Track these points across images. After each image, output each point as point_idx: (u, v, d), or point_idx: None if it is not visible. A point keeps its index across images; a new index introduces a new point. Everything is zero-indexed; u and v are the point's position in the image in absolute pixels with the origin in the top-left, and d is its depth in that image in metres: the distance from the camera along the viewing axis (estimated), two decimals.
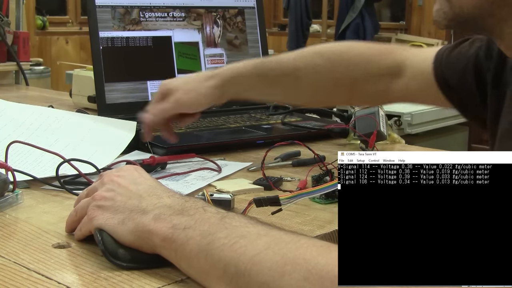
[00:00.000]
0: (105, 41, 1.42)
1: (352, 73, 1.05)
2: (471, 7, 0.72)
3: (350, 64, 1.05)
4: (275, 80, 1.07)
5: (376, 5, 5.88)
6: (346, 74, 1.05)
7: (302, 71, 1.06)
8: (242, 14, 1.58)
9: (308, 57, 1.07)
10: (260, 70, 1.08)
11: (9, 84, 2.30)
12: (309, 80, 1.06)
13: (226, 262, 0.58)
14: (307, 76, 1.06)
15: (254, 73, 1.07)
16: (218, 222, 0.62)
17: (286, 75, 1.06)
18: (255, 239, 0.58)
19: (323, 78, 1.06)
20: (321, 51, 1.08)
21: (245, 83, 1.07)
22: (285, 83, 1.07)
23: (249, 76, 1.07)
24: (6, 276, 0.65)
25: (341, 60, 1.06)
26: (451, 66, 0.94)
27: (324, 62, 1.06)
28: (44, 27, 5.95)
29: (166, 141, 1.19)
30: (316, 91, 1.09)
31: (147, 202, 0.68)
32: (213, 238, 0.60)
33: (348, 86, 1.06)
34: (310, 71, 1.06)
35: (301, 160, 1.14)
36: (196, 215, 0.64)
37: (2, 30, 2.20)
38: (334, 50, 1.08)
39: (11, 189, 0.88)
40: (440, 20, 0.76)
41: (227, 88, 1.07)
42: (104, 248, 0.67)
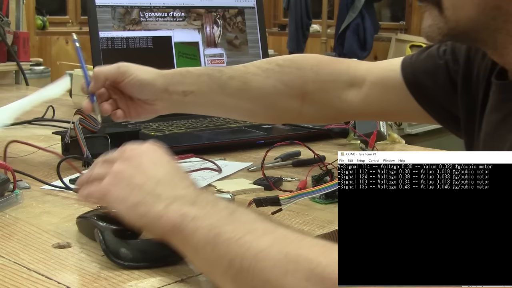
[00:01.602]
0: (105, 41, 1.42)
1: (303, 77, 1.02)
2: (467, 21, 0.72)
3: (300, 68, 1.02)
4: (223, 81, 1.01)
5: (376, 5, 5.88)
6: (296, 77, 1.02)
7: (250, 74, 1.02)
8: (242, 14, 1.58)
9: (258, 63, 1.05)
10: (209, 69, 1.05)
11: (9, 84, 2.30)
12: (258, 84, 1.02)
13: (232, 257, 0.58)
14: (256, 79, 1.02)
15: (202, 72, 1.03)
16: (227, 216, 0.62)
17: (234, 77, 1.02)
18: (261, 235, 0.59)
19: (271, 83, 1.02)
20: (270, 59, 1.06)
21: (192, 79, 1.01)
22: (233, 85, 1.01)
23: (198, 74, 1.02)
24: (6, 276, 0.65)
25: (291, 64, 1.03)
26: (423, 68, 0.93)
27: (274, 67, 1.03)
28: (44, 27, 5.96)
29: (167, 141, 1.19)
30: (265, 99, 1.02)
31: (163, 189, 0.67)
32: (220, 231, 0.61)
33: (298, 91, 1.02)
34: (258, 75, 1.02)
35: (301, 160, 1.14)
36: (206, 208, 0.64)
37: (2, 30, 2.20)
38: (286, 57, 1.06)
39: (11, 189, 0.88)
40: (434, 36, 0.75)
41: (173, 79, 1.01)
42: (105, 248, 0.67)
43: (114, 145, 1.14)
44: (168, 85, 1.00)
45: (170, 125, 1.36)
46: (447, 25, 0.73)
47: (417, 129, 3.88)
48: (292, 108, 1.03)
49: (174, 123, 1.38)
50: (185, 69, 1.03)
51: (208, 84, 1.01)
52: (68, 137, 1.11)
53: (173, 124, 1.37)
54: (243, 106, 1.03)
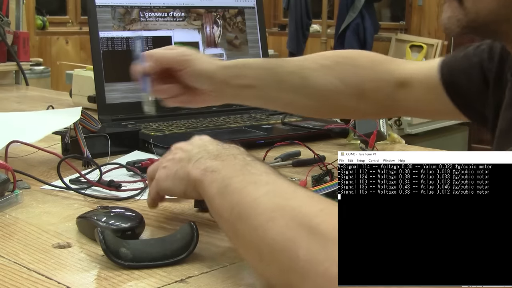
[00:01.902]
0: (105, 41, 1.42)
1: (360, 75, 1.02)
2: (487, 13, 0.71)
3: (357, 66, 1.03)
4: (282, 77, 1.02)
5: (376, 5, 5.87)
6: (353, 75, 1.03)
7: (309, 70, 1.03)
8: (242, 14, 1.58)
9: (315, 57, 1.05)
10: (267, 62, 1.04)
11: (9, 84, 2.30)
12: (316, 80, 1.02)
13: (233, 205, 0.63)
14: (314, 75, 1.02)
15: (261, 65, 1.03)
16: (239, 168, 0.67)
17: (293, 72, 1.02)
18: (261, 186, 0.62)
19: (330, 80, 1.02)
20: (327, 54, 1.06)
21: (252, 72, 1.01)
22: (291, 81, 1.02)
23: (257, 68, 1.02)
24: (6, 276, 0.65)
25: (347, 61, 1.04)
26: (459, 67, 0.94)
27: (331, 64, 1.03)
28: (44, 27, 5.95)
29: (167, 141, 1.19)
30: (323, 96, 1.03)
31: (195, 151, 0.74)
32: (230, 182, 0.65)
33: (355, 89, 1.02)
34: (317, 71, 1.03)
35: (301, 160, 1.14)
36: (226, 161, 0.69)
37: (2, 30, 2.20)
38: (341, 53, 1.07)
39: (11, 189, 0.88)
40: (453, 28, 0.75)
41: (232, 71, 1.00)
42: (105, 248, 0.67)
43: (114, 144, 1.14)
44: (227, 77, 1.00)
45: (170, 125, 1.36)
46: (467, 17, 0.73)
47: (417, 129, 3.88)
48: (349, 105, 1.04)
49: (174, 123, 1.38)
50: (244, 62, 1.03)
51: (267, 78, 1.01)
52: (68, 137, 1.11)
53: (173, 124, 1.37)
54: (300, 101, 1.03)
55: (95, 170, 0.99)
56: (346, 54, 1.07)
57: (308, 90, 1.02)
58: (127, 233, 0.73)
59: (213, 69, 0.99)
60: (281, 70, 1.02)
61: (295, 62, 1.04)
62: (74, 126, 1.09)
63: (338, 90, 1.02)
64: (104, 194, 0.93)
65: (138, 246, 0.69)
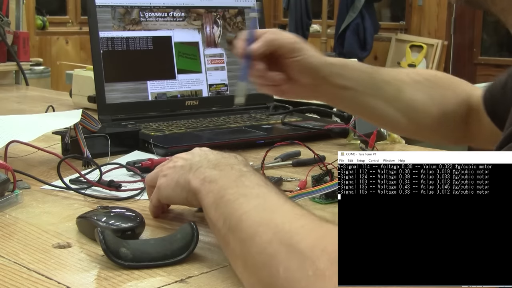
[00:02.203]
0: (105, 41, 1.42)
1: (445, 96, 1.01)
2: None
3: (442, 87, 1.02)
4: (380, 84, 0.99)
5: (376, 5, 5.88)
6: (439, 95, 1.01)
7: (403, 82, 1.01)
8: (242, 14, 1.58)
9: (407, 71, 1.04)
10: (366, 66, 1.01)
11: (9, 84, 2.31)
12: (409, 95, 1.00)
13: (225, 217, 0.64)
14: (408, 89, 1.00)
15: (361, 68, 0.99)
16: (234, 179, 0.68)
17: (389, 82, 0.99)
18: (252, 198, 0.64)
19: (420, 96, 1.00)
20: (418, 70, 1.05)
21: (353, 74, 0.97)
22: (387, 90, 0.99)
23: (357, 70, 0.98)
24: (6, 276, 0.65)
25: (436, 80, 1.03)
26: (497, 84, 0.94)
27: (422, 80, 1.02)
28: (44, 27, 5.95)
29: (167, 141, 1.19)
30: (412, 112, 1.01)
31: (196, 160, 0.76)
32: (224, 193, 0.66)
33: (440, 110, 1.01)
34: (410, 85, 1.01)
35: (301, 160, 1.14)
36: (223, 171, 0.70)
37: (2, 30, 2.20)
38: (430, 72, 1.05)
39: (11, 189, 0.88)
40: None
41: (335, 69, 0.96)
42: (105, 248, 0.67)
43: (114, 144, 1.14)
44: (329, 74, 0.96)
45: (170, 125, 1.36)
46: None
47: None
48: (432, 126, 1.02)
49: (174, 123, 1.38)
50: (346, 62, 0.99)
51: (366, 83, 0.98)
52: (68, 137, 1.11)
53: (173, 124, 1.37)
54: (391, 115, 1.00)
55: (95, 170, 0.99)
56: (434, 73, 1.06)
57: (400, 104, 1.00)
58: (127, 233, 0.73)
59: (320, 63, 0.96)
60: (378, 77, 1.00)
61: (389, 71, 1.02)
62: (74, 126, 1.09)
63: (426, 108, 1.01)
64: (104, 194, 0.93)
65: (138, 246, 0.69)
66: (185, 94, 1.49)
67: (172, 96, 1.47)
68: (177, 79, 1.48)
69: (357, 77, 0.98)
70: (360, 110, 1.03)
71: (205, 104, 1.51)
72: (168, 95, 1.46)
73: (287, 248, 0.55)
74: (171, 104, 1.47)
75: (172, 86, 1.47)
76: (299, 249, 0.54)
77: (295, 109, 1.53)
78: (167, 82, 1.47)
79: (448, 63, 5.94)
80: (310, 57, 0.95)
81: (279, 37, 0.95)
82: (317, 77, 0.96)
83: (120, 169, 1.03)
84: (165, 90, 1.46)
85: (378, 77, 0.99)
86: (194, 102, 1.49)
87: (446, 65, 5.92)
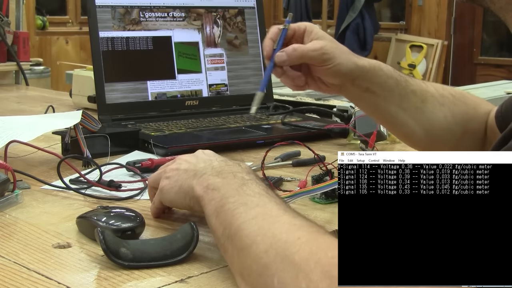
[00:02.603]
0: (105, 41, 1.42)
1: (467, 113, 1.01)
2: None
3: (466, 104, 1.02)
4: (406, 93, 0.99)
5: (376, 5, 5.87)
6: (463, 112, 1.01)
7: (429, 94, 1.00)
8: (242, 14, 1.58)
9: (433, 84, 1.03)
10: (398, 75, 1.00)
11: (9, 84, 2.31)
12: (433, 107, 1.00)
13: (225, 225, 0.65)
14: (433, 102, 1.00)
15: (392, 75, 0.98)
16: (236, 188, 0.68)
17: (415, 92, 0.99)
18: (252, 208, 0.64)
19: (444, 112, 1.00)
20: (444, 86, 1.04)
21: (381, 79, 0.97)
22: (412, 101, 0.99)
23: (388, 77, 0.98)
24: (6, 276, 0.65)
25: (460, 96, 1.03)
26: (508, 100, 0.95)
27: (447, 94, 1.02)
28: (44, 27, 5.95)
29: (167, 141, 1.19)
30: (432, 127, 1.00)
31: (201, 166, 0.76)
32: (225, 202, 0.67)
33: (461, 127, 1.01)
34: (436, 97, 1.00)
35: (301, 160, 1.14)
36: (226, 179, 0.71)
37: (2, 30, 2.20)
38: (454, 88, 1.05)
39: (11, 189, 0.88)
40: None
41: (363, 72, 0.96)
42: (105, 248, 0.67)
43: (114, 144, 1.14)
44: (356, 77, 0.96)
45: (170, 125, 1.36)
46: None
47: None
48: (450, 142, 1.02)
49: (174, 123, 1.38)
50: (375, 66, 0.98)
51: (391, 90, 0.98)
52: (68, 137, 1.11)
53: (173, 124, 1.37)
54: (408, 124, 1.00)
55: (95, 170, 0.99)
56: (457, 90, 1.05)
57: (421, 116, 1.00)
58: (127, 233, 0.73)
59: (349, 68, 0.96)
60: (405, 85, 0.99)
61: (418, 82, 1.01)
62: (74, 126, 1.09)
63: (448, 124, 1.01)
64: (104, 194, 0.93)
65: (138, 246, 0.69)
66: (185, 94, 1.49)
67: (172, 96, 1.47)
68: (177, 79, 1.48)
69: (382, 82, 0.97)
70: (379, 115, 1.03)
71: (205, 104, 1.51)
72: (168, 95, 1.46)
73: (282, 259, 0.56)
74: (171, 104, 1.47)
75: (172, 86, 1.47)
76: (293, 261, 0.55)
77: (295, 109, 1.53)
78: (167, 82, 1.47)
79: (448, 63, 5.94)
80: (339, 65, 0.95)
81: (309, 51, 0.94)
82: (344, 79, 0.96)
83: (120, 169, 1.03)
84: (165, 90, 1.46)
85: (405, 86, 0.99)
86: (194, 102, 1.49)
87: (446, 65, 5.92)
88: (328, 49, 0.95)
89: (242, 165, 0.74)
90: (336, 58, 0.95)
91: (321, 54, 0.94)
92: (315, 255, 0.54)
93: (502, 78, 3.93)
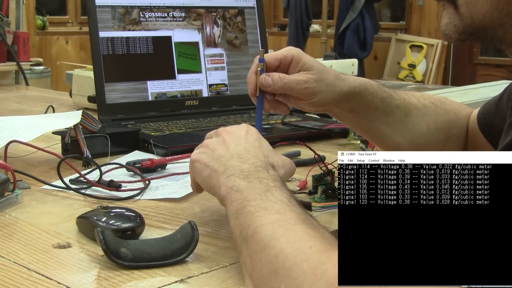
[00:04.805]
0: (105, 41, 1.42)
1: (449, 121, 1.02)
2: (481, 17, 0.71)
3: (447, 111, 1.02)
4: (388, 109, 0.98)
5: (376, 5, 5.88)
6: (445, 120, 1.02)
7: (412, 106, 1.00)
8: (242, 14, 1.58)
9: (417, 94, 1.03)
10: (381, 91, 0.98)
11: (9, 84, 2.31)
12: (417, 119, 1.00)
13: (243, 227, 0.65)
14: (417, 113, 1.00)
15: (372, 92, 0.97)
16: (259, 193, 0.68)
17: (399, 106, 0.99)
18: (271, 213, 0.65)
19: (426, 122, 1.00)
20: (423, 94, 1.04)
21: (365, 100, 0.96)
22: (397, 116, 0.99)
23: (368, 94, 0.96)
24: (6, 276, 0.65)
25: (441, 104, 1.03)
26: (491, 102, 0.96)
27: (428, 104, 1.02)
28: (44, 27, 5.95)
29: (167, 141, 1.19)
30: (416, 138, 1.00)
31: (232, 163, 0.74)
32: (246, 205, 0.67)
33: (444, 135, 1.01)
34: (418, 109, 1.00)
35: (301, 160, 1.14)
36: (252, 183, 0.70)
37: (2, 30, 2.20)
38: (434, 96, 1.05)
39: (11, 189, 0.88)
40: (451, 34, 0.75)
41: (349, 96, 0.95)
42: (105, 248, 0.67)
43: (114, 144, 1.14)
44: (340, 102, 0.96)
45: (170, 125, 1.36)
46: (463, 22, 0.74)
47: None
48: (434, 150, 1.00)
49: (174, 123, 1.38)
50: (360, 88, 0.95)
51: (376, 108, 0.97)
52: (68, 137, 1.11)
53: (173, 124, 1.37)
54: (393, 139, 1.00)
55: (95, 170, 0.99)
56: (438, 97, 1.05)
57: (406, 130, 0.99)
58: (127, 233, 0.73)
59: (333, 98, 0.94)
60: (390, 101, 0.98)
61: (402, 95, 1.00)
62: (74, 126, 1.09)
63: (431, 133, 1.01)
64: (104, 194, 0.93)
65: (138, 246, 0.69)
66: (185, 94, 1.49)
67: (172, 96, 1.47)
68: (177, 79, 1.48)
69: (368, 102, 0.96)
70: (363, 131, 1.03)
71: (205, 104, 1.51)
72: (168, 95, 1.46)
73: (291, 266, 0.57)
74: (171, 104, 1.47)
75: (172, 86, 1.47)
76: (301, 269, 0.56)
77: (295, 109, 1.53)
78: (167, 82, 1.46)
79: (448, 63, 5.94)
80: (322, 98, 0.93)
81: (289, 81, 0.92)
82: (328, 103, 0.95)
83: (120, 169, 1.03)
84: (165, 90, 1.46)
85: (389, 102, 0.98)
86: (194, 102, 1.49)
87: (446, 65, 5.92)
88: (312, 83, 0.92)
89: (271, 172, 0.73)
90: (319, 93, 0.92)
91: (304, 88, 0.92)
92: (323, 265, 0.54)
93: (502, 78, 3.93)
